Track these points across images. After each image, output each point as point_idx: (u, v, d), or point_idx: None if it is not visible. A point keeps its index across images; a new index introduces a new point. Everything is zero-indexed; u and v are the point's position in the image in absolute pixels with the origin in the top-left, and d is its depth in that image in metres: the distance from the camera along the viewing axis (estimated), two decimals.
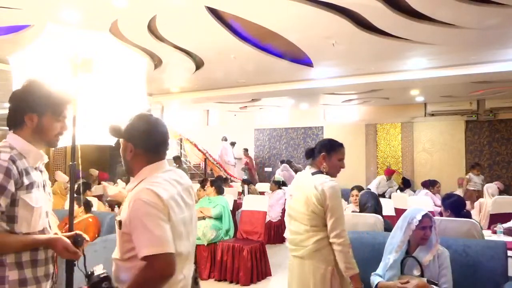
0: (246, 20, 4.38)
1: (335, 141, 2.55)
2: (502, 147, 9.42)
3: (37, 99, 1.54)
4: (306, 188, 2.36)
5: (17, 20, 4.32)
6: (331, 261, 2.28)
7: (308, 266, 2.31)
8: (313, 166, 2.51)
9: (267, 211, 5.59)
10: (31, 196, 1.49)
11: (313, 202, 2.29)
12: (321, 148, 2.50)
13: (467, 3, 3.81)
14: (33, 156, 1.55)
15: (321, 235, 2.30)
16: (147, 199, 1.41)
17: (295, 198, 2.46)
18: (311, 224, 2.31)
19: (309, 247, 2.30)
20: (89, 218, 4.28)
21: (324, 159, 2.45)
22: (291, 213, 2.48)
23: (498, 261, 2.56)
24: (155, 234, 1.38)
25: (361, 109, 10.84)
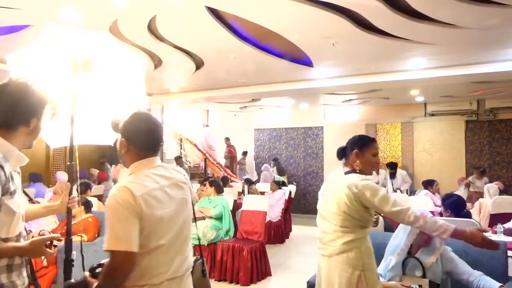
0: (246, 20, 4.38)
1: (367, 136, 2.47)
2: (502, 147, 9.42)
3: (36, 102, 1.55)
4: (338, 188, 2.27)
5: (17, 20, 4.32)
6: (359, 266, 2.18)
7: (334, 266, 2.23)
8: (346, 166, 2.41)
9: (267, 211, 5.59)
10: (14, 201, 1.46)
11: (345, 202, 2.20)
12: (353, 146, 2.40)
13: (467, 3, 3.81)
14: (15, 159, 1.52)
15: (350, 237, 2.21)
16: (119, 196, 1.47)
17: (326, 198, 2.38)
18: (341, 225, 2.23)
19: (337, 248, 2.22)
20: (89, 218, 4.29)
21: (357, 156, 2.34)
22: (321, 212, 2.40)
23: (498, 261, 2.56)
24: (114, 231, 1.45)
25: (361, 109, 10.83)
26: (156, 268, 1.53)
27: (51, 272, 3.76)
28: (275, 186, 7.59)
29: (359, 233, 2.24)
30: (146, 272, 1.51)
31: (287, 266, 5.68)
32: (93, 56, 2.22)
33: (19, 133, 1.53)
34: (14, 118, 1.51)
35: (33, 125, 1.55)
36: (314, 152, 11.39)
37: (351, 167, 2.36)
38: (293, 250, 6.71)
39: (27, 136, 1.56)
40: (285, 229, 7.49)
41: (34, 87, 1.56)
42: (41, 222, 4.30)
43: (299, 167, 11.55)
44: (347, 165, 2.40)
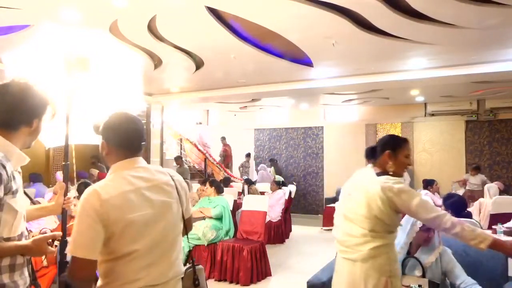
0: (246, 20, 4.38)
1: (399, 137, 2.37)
2: (502, 147, 9.42)
3: (38, 103, 1.56)
4: (370, 190, 2.15)
5: (17, 20, 4.32)
6: (386, 272, 2.11)
7: (360, 271, 2.14)
8: (376, 166, 2.29)
9: (267, 211, 5.59)
10: (16, 200, 1.47)
11: (378, 206, 2.10)
12: (385, 146, 2.28)
13: (467, 3, 3.81)
14: (17, 158, 1.52)
15: (380, 242, 2.12)
16: (86, 201, 1.46)
17: (354, 198, 2.25)
18: (370, 229, 2.13)
19: (364, 253, 2.12)
20: None
21: (389, 157, 2.23)
22: (347, 213, 2.27)
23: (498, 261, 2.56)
24: (76, 237, 1.44)
25: (361, 109, 10.84)
26: (132, 274, 1.48)
27: (51, 272, 3.76)
28: (275, 186, 7.59)
29: (388, 239, 2.16)
30: (121, 278, 1.48)
31: (287, 266, 5.68)
32: (89, 55, 2.21)
33: (21, 133, 1.53)
34: (15, 118, 1.51)
35: (35, 125, 1.56)
36: (314, 152, 11.39)
37: (382, 168, 2.26)
38: (293, 250, 6.71)
39: (28, 136, 1.57)
40: (285, 229, 7.49)
41: (36, 88, 1.57)
42: (42, 222, 4.30)
43: (299, 167, 11.55)
44: (377, 166, 2.29)
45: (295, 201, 10.43)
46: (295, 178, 11.33)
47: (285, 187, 8.08)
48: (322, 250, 6.49)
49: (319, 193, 11.18)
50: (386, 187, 2.10)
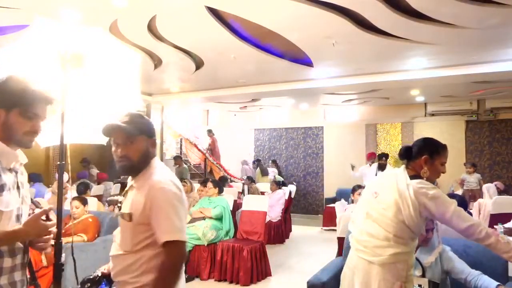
0: (246, 20, 4.38)
1: (439, 142, 2.26)
2: (503, 147, 9.42)
3: (7, 93, 1.44)
4: (402, 194, 2.06)
5: (17, 20, 4.31)
6: (402, 277, 2.05)
7: (375, 273, 2.07)
8: (408, 168, 2.19)
9: (267, 211, 5.59)
10: (1, 199, 1.38)
11: (408, 211, 2.02)
12: (423, 149, 2.18)
13: (467, 3, 3.81)
14: (6, 156, 1.44)
15: (401, 248, 2.05)
16: (172, 189, 1.61)
17: (382, 199, 2.15)
18: (395, 234, 2.05)
19: (385, 257, 2.05)
20: (89, 218, 4.28)
21: (425, 162, 2.15)
22: (371, 212, 2.17)
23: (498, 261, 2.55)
24: (176, 223, 1.56)
25: (361, 109, 10.83)
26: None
27: (51, 272, 3.75)
28: (275, 186, 7.59)
29: (409, 246, 2.10)
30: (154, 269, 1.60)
31: (287, 266, 5.68)
32: (84, 51, 2.17)
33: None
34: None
35: (2, 117, 1.44)
36: (314, 152, 11.38)
37: (415, 172, 2.16)
38: (293, 250, 6.70)
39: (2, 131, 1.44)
40: (285, 229, 7.49)
41: (9, 79, 1.46)
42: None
43: (299, 167, 11.55)
44: (410, 168, 2.19)
45: (295, 201, 10.43)
46: (295, 178, 11.33)
47: (285, 187, 8.08)
48: (322, 250, 6.48)
49: (319, 193, 11.17)
50: (421, 192, 2.02)
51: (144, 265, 1.59)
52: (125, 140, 1.67)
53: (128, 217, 1.62)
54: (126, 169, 1.70)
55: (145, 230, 1.59)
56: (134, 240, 1.60)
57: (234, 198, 6.57)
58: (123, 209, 1.69)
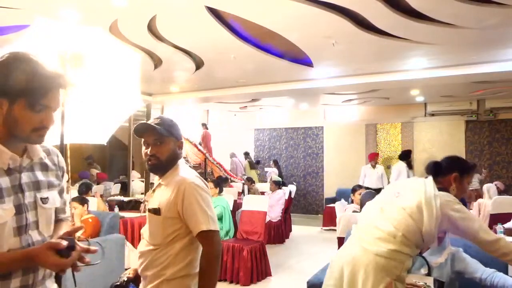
0: (246, 20, 4.38)
1: (469, 162, 2.31)
2: (502, 147, 9.42)
3: (10, 78, 1.13)
4: (428, 200, 2.03)
5: (17, 20, 4.32)
6: (394, 275, 2.02)
7: (369, 261, 2.03)
8: (437, 182, 2.15)
9: (267, 211, 5.59)
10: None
11: (429, 221, 2.00)
12: (454, 167, 2.19)
13: (467, 3, 3.81)
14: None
15: (403, 249, 2.03)
16: (202, 185, 1.74)
17: (403, 199, 2.13)
18: (404, 234, 2.03)
19: (383, 250, 2.02)
20: (89, 218, 4.28)
21: (455, 180, 2.16)
22: (387, 208, 2.16)
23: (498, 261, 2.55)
24: (209, 214, 1.68)
25: (361, 109, 10.83)
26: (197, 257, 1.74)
27: None
28: (274, 186, 7.59)
29: (412, 250, 2.07)
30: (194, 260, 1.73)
31: (287, 266, 5.68)
32: (84, 51, 2.17)
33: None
34: None
35: (4, 110, 1.16)
36: (314, 152, 11.38)
37: (442, 186, 2.14)
38: (293, 250, 6.71)
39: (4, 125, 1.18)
40: (285, 229, 7.49)
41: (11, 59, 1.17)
42: None
43: (299, 167, 11.55)
44: (437, 182, 2.14)
45: (295, 201, 10.43)
46: (295, 178, 11.33)
47: (285, 187, 8.08)
48: (322, 250, 6.49)
49: (319, 193, 11.17)
50: (447, 205, 2.02)
51: (171, 257, 1.68)
52: (155, 140, 1.77)
53: (157, 211, 1.72)
54: (154, 168, 1.80)
55: (174, 223, 1.70)
56: (164, 233, 1.70)
57: (234, 198, 6.57)
58: (151, 205, 1.79)
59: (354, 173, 9.82)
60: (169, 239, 1.71)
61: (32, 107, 1.16)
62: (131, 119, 7.94)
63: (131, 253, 5.27)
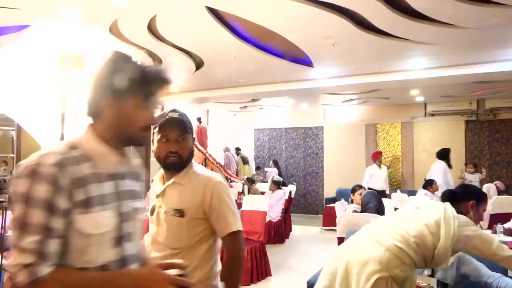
0: (246, 20, 4.38)
1: (484, 192, 2.47)
2: (502, 147, 9.42)
3: (119, 76, 1.11)
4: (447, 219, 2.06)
5: (17, 20, 4.32)
6: (392, 272, 2.01)
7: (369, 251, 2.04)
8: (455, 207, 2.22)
9: (267, 211, 5.59)
10: (89, 217, 1.02)
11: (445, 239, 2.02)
12: (471, 195, 2.32)
13: (467, 3, 3.81)
14: (103, 158, 1.11)
15: (409, 251, 2.03)
16: (225, 183, 1.70)
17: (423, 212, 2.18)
18: (416, 241, 2.04)
19: (389, 244, 2.02)
20: None
21: (472, 207, 2.28)
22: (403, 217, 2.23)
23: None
24: (236, 213, 1.67)
25: (361, 109, 10.84)
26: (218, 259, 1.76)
27: None
28: (274, 187, 7.58)
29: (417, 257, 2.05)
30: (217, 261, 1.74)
31: (287, 266, 5.68)
32: (84, 51, 2.17)
33: (101, 123, 1.15)
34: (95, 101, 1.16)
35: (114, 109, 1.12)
36: (314, 152, 11.38)
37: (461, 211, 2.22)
38: (293, 250, 6.71)
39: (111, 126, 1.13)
40: (285, 229, 7.49)
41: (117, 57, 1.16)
42: None
43: (299, 167, 11.55)
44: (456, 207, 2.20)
45: (295, 201, 10.43)
46: (295, 178, 11.33)
47: (285, 187, 8.08)
48: (322, 250, 6.48)
49: (319, 193, 11.18)
50: (465, 226, 2.08)
51: (197, 260, 1.62)
52: (179, 136, 1.66)
53: (181, 213, 1.63)
54: (175, 166, 1.67)
55: (200, 224, 1.64)
56: (190, 235, 1.64)
57: (234, 198, 6.56)
58: (168, 206, 1.67)
59: (354, 173, 9.82)
60: (194, 240, 1.64)
61: (143, 104, 1.14)
62: None
63: None
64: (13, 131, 6.85)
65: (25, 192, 0.96)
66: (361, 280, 1.99)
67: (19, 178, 0.98)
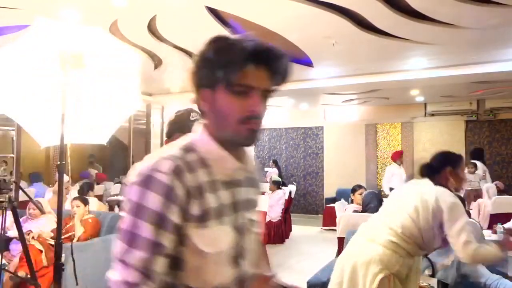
0: (246, 20, 4.38)
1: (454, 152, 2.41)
2: (502, 147, 9.42)
3: (210, 62, 1.00)
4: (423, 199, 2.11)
5: (17, 20, 4.32)
6: (393, 269, 2.04)
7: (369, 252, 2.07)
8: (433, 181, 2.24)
9: (267, 211, 5.59)
10: (204, 233, 0.91)
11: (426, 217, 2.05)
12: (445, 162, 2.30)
13: (467, 3, 3.81)
14: (220, 162, 0.96)
15: (402, 243, 2.06)
16: None
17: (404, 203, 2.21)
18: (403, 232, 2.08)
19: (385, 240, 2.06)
20: (89, 219, 4.28)
21: (450, 174, 2.24)
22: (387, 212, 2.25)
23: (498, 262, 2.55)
24: None
25: (361, 109, 10.83)
26: None
27: (51, 272, 3.75)
28: (274, 187, 7.59)
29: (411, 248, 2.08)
30: None
31: (287, 266, 5.68)
32: (84, 51, 2.16)
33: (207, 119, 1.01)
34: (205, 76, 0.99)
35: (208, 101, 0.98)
36: (314, 152, 11.38)
37: (440, 185, 2.21)
38: (293, 250, 6.70)
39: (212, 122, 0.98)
40: (285, 229, 7.49)
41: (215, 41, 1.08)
42: (41, 222, 4.29)
43: (299, 167, 11.55)
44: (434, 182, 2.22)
45: (295, 201, 10.43)
46: (295, 178, 11.32)
47: (285, 187, 8.08)
48: (322, 250, 6.48)
49: (319, 193, 11.17)
50: (441, 198, 2.06)
51: None
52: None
53: None
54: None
55: None
56: None
57: None
58: None
59: (354, 173, 9.82)
60: None
61: (230, 90, 0.94)
62: (131, 119, 7.94)
63: None
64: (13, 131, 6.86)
65: (136, 202, 0.87)
66: (367, 282, 2.02)
67: (132, 185, 0.88)
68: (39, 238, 3.94)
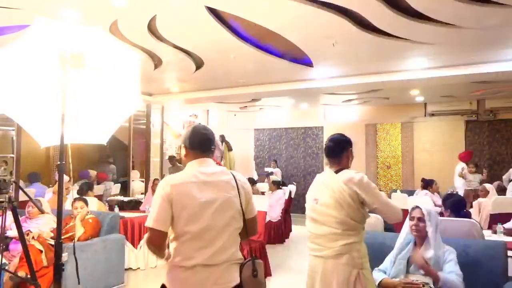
0: (246, 20, 4.38)
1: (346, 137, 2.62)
2: (502, 147, 9.42)
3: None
4: (335, 189, 2.32)
5: (17, 20, 4.32)
6: (358, 265, 2.23)
7: (331, 266, 2.26)
8: (334, 166, 2.47)
9: (267, 211, 5.59)
10: None
11: (348, 203, 2.25)
12: (347, 143, 2.52)
13: (467, 3, 3.81)
14: None
15: (352, 239, 2.25)
16: (161, 185, 1.84)
17: (322, 202, 2.44)
18: (343, 229, 2.27)
19: (337, 248, 2.26)
20: (90, 219, 4.28)
21: (351, 153, 2.51)
22: (316, 217, 2.49)
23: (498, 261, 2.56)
24: (151, 212, 1.80)
25: (361, 109, 10.84)
26: (188, 252, 1.78)
27: (51, 272, 3.75)
28: (274, 187, 7.59)
29: (360, 235, 2.28)
30: (180, 254, 1.78)
31: (287, 266, 5.68)
32: (84, 51, 2.16)
33: None
34: None
35: None
36: (314, 152, 11.38)
37: (340, 167, 2.42)
38: (293, 250, 6.71)
39: None
40: (285, 229, 7.49)
41: None
42: (40, 221, 4.30)
43: (299, 167, 11.55)
44: (335, 165, 2.44)
45: (295, 201, 10.42)
46: (295, 178, 11.32)
47: (285, 187, 8.08)
48: None
49: None
50: (348, 180, 2.26)
51: None
52: None
53: None
54: None
55: None
56: None
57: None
58: None
59: None
60: None
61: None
62: (131, 119, 7.93)
63: (131, 253, 5.28)
64: (13, 131, 6.86)
65: None
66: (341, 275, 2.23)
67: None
68: (39, 238, 3.94)
